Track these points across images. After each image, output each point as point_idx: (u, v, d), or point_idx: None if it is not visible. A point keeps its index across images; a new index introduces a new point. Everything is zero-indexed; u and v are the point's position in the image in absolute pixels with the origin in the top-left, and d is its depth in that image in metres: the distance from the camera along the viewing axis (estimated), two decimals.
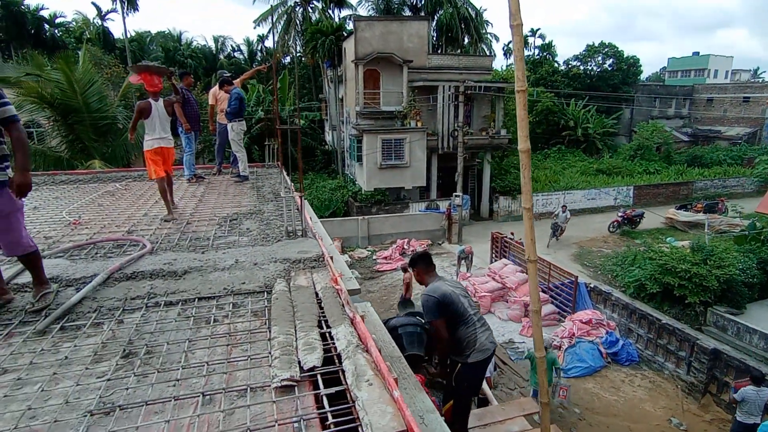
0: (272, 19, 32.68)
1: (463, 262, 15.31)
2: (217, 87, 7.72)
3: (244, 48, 48.71)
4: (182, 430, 1.96)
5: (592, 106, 36.65)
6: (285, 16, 32.14)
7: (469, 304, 3.75)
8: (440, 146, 23.51)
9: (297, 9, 32.29)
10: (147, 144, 5.24)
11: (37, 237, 4.54)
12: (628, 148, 34.38)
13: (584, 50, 43.64)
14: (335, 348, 2.54)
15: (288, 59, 36.20)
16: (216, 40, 47.61)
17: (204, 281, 3.42)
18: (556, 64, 44.39)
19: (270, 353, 2.49)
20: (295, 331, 2.69)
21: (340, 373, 2.32)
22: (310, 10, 32.24)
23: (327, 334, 2.69)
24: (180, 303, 3.12)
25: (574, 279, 12.70)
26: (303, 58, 34.18)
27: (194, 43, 46.23)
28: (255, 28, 59.50)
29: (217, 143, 8.26)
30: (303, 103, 31.07)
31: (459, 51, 32.66)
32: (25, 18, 37.27)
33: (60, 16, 41.88)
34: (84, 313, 2.96)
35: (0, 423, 1.98)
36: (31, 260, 3.10)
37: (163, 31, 47.39)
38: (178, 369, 2.37)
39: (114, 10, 39.10)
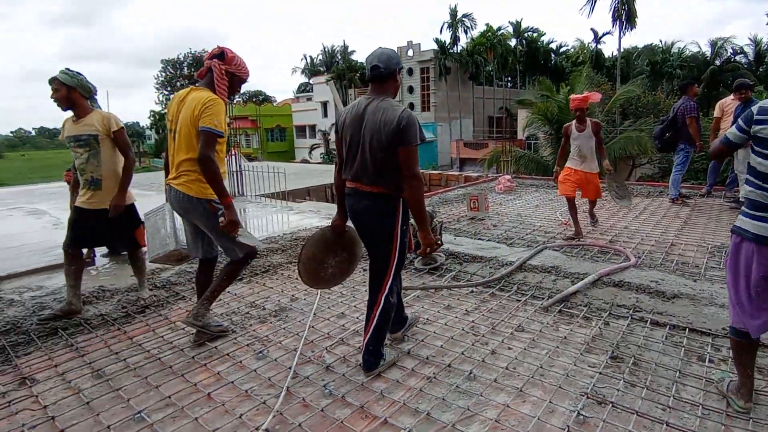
0: None
1: None
2: (727, 98, 6.64)
3: (748, 49, 39.71)
4: None
5: None
6: None
7: None
8: None
9: None
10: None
11: (538, 230, 5.43)
12: None
13: None
14: None
15: None
16: (713, 44, 41.09)
17: (696, 312, 3.09)
18: None
19: None
20: None
21: None
22: None
23: None
24: (668, 326, 2.94)
25: None
26: None
27: (685, 52, 41.73)
28: None
29: (712, 162, 7.17)
30: None
31: None
32: (538, 51, 44.79)
33: (563, 46, 47.69)
34: (576, 305, 3.30)
35: (521, 369, 2.50)
36: None
37: (650, 45, 45.27)
38: (669, 396, 2.24)
39: (609, 32, 40.72)
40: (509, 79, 49.95)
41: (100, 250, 4.91)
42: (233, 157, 9.31)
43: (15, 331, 3.07)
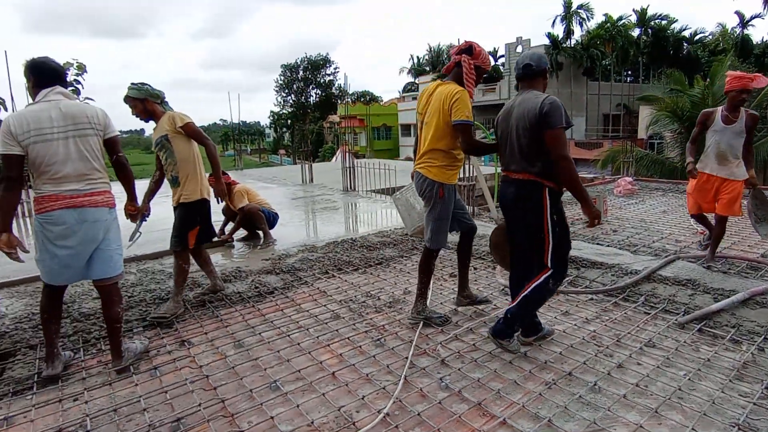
0: None
1: None
2: None
3: None
4: None
5: None
6: None
7: None
8: None
9: None
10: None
11: (667, 238, 4.87)
12: None
13: None
14: None
15: None
16: None
17: None
18: None
19: None
20: None
21: None
22: None
23: None
24: None
25: None
26: None
27: None
28: None
29: None
30: None
31: None
32: (667, 40, 39.87)
33: (700, 33, 41.83)
34: (721, 325, 2.90)
35: (654, 388, 2.27)
36: None
37: None
38: None
39: (759, 15, 34.84)
40: (629, 73, 45.32)
41: (235, 235, 5.48)
42: (347, 154, 9.76)
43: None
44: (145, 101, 3.20)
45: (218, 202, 3.55)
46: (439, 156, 2.81)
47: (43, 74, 2.45)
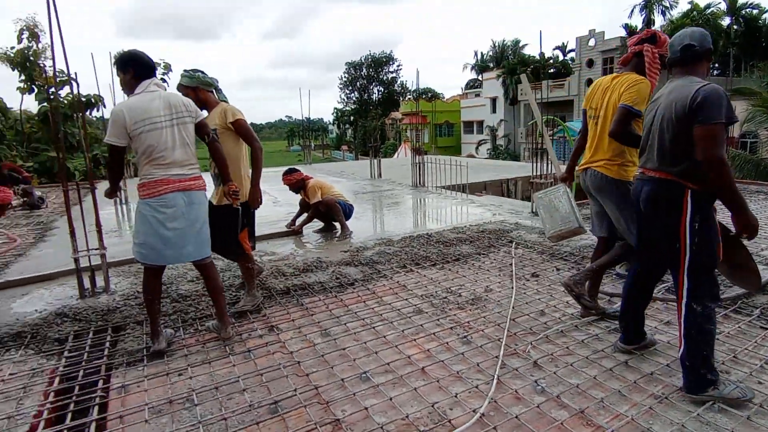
0: None
1: None
2: None
3: None
4: None
5: None
6: None
7: None
8: None
9: None
10: None
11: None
12: None
13: None
14: None
15: None
16: None
17: None
18: None
19: None
20: None
21: None
22: None
23: None
24: None
25: None
26: None
27: None
28: None
29: None
30: None
31: None
32: (759, 30, 35.90)
33: None
34: None
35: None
36: None
37: None
38: None
39: None
40: (716, 65, 41.35)
41: (311, 226, 5.62)
42: (413, 150, 9.70)
43: (260, 287, 3.70)
44: (198, 90, 3.08)
45: (252, 210, 3.27)
46: (619, 152, 2.66)
47: (144, 66, 2.60)
